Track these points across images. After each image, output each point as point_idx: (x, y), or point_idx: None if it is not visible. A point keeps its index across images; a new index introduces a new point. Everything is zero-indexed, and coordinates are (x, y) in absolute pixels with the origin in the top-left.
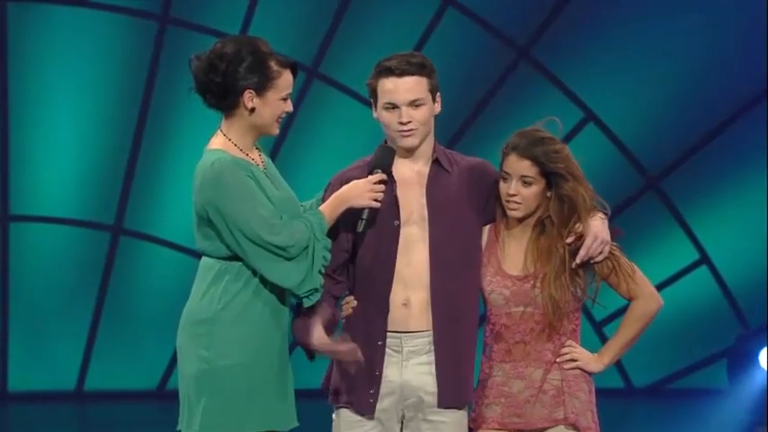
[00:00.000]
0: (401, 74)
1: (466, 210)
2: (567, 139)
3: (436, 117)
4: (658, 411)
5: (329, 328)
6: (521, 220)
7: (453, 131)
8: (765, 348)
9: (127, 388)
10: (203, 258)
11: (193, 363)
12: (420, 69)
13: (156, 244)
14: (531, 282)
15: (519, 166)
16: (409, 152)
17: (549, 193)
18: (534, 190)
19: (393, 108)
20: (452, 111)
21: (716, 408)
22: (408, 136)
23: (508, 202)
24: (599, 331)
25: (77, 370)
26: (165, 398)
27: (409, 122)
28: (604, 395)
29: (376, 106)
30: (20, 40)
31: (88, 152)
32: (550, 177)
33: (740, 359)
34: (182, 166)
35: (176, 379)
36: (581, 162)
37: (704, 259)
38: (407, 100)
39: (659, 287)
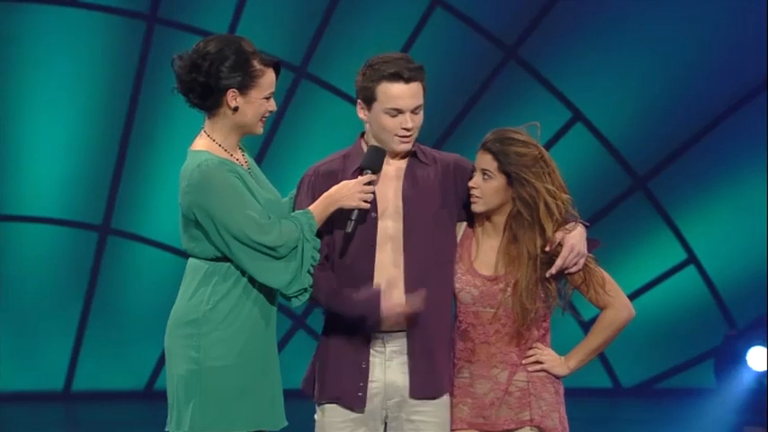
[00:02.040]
0: (409, 80)
1: (441, 204)
2: (555, 138)
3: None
4: (646, 411)
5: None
6: (490, 219)
7: (442, 131)
8: (753, 348)
9: (114, 388)
10: (190, 259)
11: (182, 364)
12: (422, 74)
13: (144, 244)
14: (501, 285)
15: (482, 159)
16: (398, 154)
17: (513, 193)
18: (493, 185)
19: (398, 113)
20: (441, 110)
21: (703, 407)
22: (408, 142)
23: (471, 195)
24: (587, 332)
25: (65, 370)
26: (152, 398)
27: (413, 128)
28: (592, 395)
29: (369, 108)
30: (7, 39)
31: (76, 152)
32: (510, 177)
33: (728, 359)
34: (169, 165)
35: (164, 379)
36: (568, 162)
37: (692, 259)
38: (413, 106)
39: (647, 287)
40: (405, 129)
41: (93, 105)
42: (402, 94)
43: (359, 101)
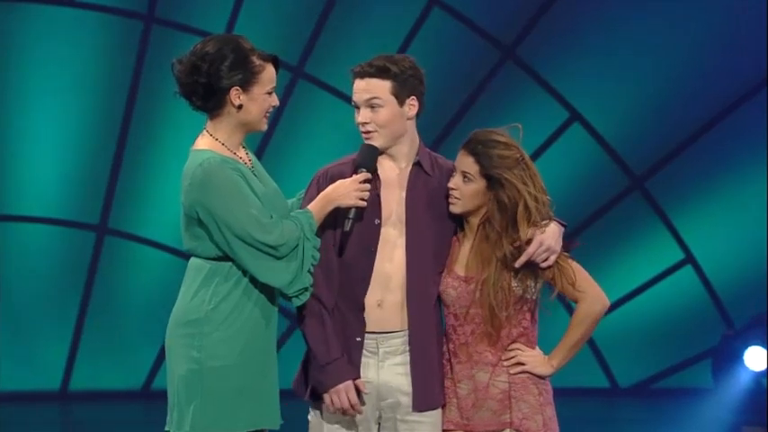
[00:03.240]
0: (360, 76)
1: (442, 213)
2: (552, 138)
3: (420, 117)
4: (643, 411)
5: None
6: (467, 221)
7: (439, 130)
8: (750, 348)
9: (112, 388)
10: (192, 259)
11: (183, 364)
12: (380, 72)
13: (141, 244)
14: (474, 284)
15: (463, 161)
16: (389, 153)
17: (491, 196)
18: (473, 188)
19: (356, 108)
20: (438, 110)
21: (701, 407)
22: (368, 137)
23: (449, 195)
24: None
25: (62, 370)
26: (149, 398)
27: (366, 124)
28: (589, 394)
29: None
30: (4, 39)
31: (73, 152)
32: (492, 180)
33: (725, 359)
34: (167, 165)
35: (161, 379)
36: (565, 162)
37: (689, 259)
38: (362, 100)
39: (644, 287)
40: (358, 123)
41: (90, 105)
42: (355, 89)
43: None
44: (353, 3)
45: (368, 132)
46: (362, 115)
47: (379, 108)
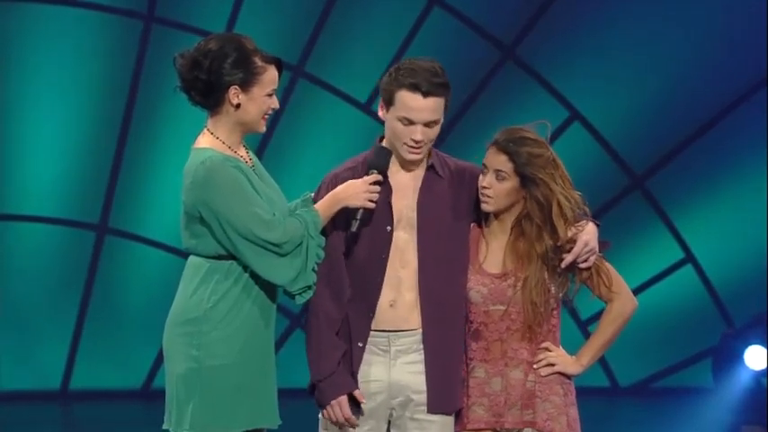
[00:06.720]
0: (427, 94)
1: (455, 213)
2: (553, 138)
3: None
4: (643, 410)
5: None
6: (498, 218)
7: (439, 130)
8: (750, 347)
9: (112, 387)
10: (191, 258)
11: (182, 362)
12: (444, 90)
13: (142, 243)
14: (510, 280)
15: (495, 159)
16: (412, 164)
17: (524, 193)
18: (507, 186)
19: (409, 123)
20: None
21: (701, 407)
22: (416, 153)
23: (481, 194)
24: (584, 330)
25: (62, 369)
26: (149, 397)
27: (421, 141)
28: (589, 394)
29: (387, 109)
30: (3, 38)
31: (73, 151)
32: (525, 178)
33: (725, 358)
34: (167, 164)
35: (161, 379)
36: (566, 161)
37: (689, 258)
38: (426, 120)
39: (644, 286)
40: (413, 140)
41: (90, 104)
42: (417, 107)
43: (381, 99)
44: (353, 3)
45: (419, 149)
46: (421, 132)
47: (435, 126)
